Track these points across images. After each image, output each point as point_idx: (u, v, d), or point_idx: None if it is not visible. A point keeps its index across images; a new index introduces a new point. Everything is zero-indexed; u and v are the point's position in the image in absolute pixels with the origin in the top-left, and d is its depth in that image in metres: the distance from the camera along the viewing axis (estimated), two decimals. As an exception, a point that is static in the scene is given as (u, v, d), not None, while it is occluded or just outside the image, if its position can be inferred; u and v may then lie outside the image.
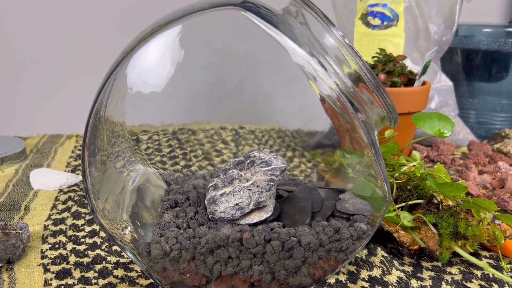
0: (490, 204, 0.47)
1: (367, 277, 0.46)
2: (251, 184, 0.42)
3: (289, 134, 0.62)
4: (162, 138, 0.57)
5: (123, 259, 0.48)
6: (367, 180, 0.47)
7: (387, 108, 0.40)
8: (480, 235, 0.48)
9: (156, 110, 0.49)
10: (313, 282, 0.43)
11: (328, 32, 0.37)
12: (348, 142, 0.49)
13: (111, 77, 0.41)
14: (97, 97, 0.41)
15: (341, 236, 0.41)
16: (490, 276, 0.47)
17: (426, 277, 0.46)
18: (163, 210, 0.46)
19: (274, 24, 0.38)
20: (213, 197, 0.42)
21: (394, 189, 0.53)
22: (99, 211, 0.42)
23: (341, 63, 0.40)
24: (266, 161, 0.43)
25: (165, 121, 0.52)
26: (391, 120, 0.42)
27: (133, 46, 0.41)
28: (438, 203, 0.53)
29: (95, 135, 0.42)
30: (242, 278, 0.41)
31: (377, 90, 0.39)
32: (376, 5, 0.89)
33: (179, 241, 0.39)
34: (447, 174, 0.53)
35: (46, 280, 0.44)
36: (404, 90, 0.73)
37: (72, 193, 0.64)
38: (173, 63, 0.43)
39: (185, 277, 0.40)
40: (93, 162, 0.42)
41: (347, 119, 0.46)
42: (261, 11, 0.39)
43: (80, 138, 0.90)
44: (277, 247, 0.39)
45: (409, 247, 0.49)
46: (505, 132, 0.86)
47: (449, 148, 0.82)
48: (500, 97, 0.94)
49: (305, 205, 0.45)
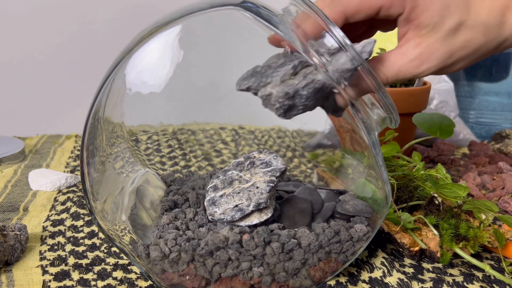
0: (491, 205, 0.47)
1: (368, 278, 0.46)
2: (251, 185, 0.42)
3: (289, 135, 0.62)
4: (161, 139, 0.56)
5: (122, 261, 0.48)
6: (367, 181, 0.46)
7: (388, 109, 0.40)
8: (481, 236, 0.47)
9: (155, 111, 0.48)
10: (313, 284, 0.43)
11: (328, 32, 0.37)
12: (348, 143, 0.49)
13: (110, 78, 0.41)
14: (96, 97, 0.41)
15: (342, 238, 0.41)
16: (492, 278, 0.46)
17: (427, 278, 0.46)
18: (162, 211, 0.46)
19: (274, 24, 0.38)
20: (213, 198, 0.42)
21: (394, 190, 0.52)
22: (98, 212, 0.42)
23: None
24: (266, 162, 0.43)
25: (165, 121, 0.52)
26: (391, 121, 0.42)
27: (132, 46, 0.41)
28: (439, 204, 0.53)
29: (94, 136, 0.42)
30: (242, 280, 0.40)
31: (378, 90, 0.38)
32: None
33: (178, 243, 0.39)
34: (447, 175, 0.53)
35: (45, 282, 0.44)
36: (404, 91, 0.73)
37: (71, 194, 0.63)
38: (172, 63, 0.43)
39: (185, 279, 0.40)
40: (92, 163, 0.42)
41: (347, 120, 0.46)
42: (261, 11, 0.38)
43: (79, 138, 0.90)
44: (277, 249, 0.39)
45: (410, 248, 0.48)
46: (506, 133, 0.86)
47: (450, 148, 0.81)
48: (500, 97, 0.94)
49: (305, 206, 0.45)
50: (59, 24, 1.20)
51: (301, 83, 0.36)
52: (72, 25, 1.21)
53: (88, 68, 1.11)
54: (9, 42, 1.20)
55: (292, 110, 0.37)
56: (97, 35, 1.21)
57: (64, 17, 1.20)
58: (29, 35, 1.20)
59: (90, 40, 1.21)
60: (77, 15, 1.21)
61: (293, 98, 0.36)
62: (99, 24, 1.21)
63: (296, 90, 0.36)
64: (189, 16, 0.40)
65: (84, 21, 1.21)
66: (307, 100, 0.37)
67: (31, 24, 1.19)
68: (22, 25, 1.20)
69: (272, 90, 0.36)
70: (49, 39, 1.21)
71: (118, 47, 0.44)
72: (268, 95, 0.37)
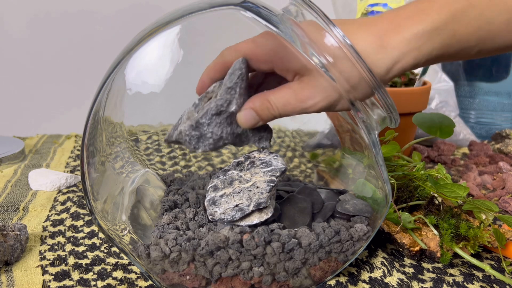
0: (491, 205, 0.47)
1: (368, 278, 0.46)
2: (251, 185, 0.42)
3: (289, 134, 0.62)
4: (161, 139, 0.56)
5: (122, 261, 0.48)
6: (367, 181, 0.46)
7: (388, 109, 0.40)
8: (482, 236, 0.47)
9: (155, 111, 0.48)
10: (313, 283, 0.43)
11: (328, 32, 0.37)
12: (348, 142, 0.49)
13: (110, 78, 0.41)
14: (96, 97, 0.41)
15: (342, 237, 0.41)
16: (492, 278, 0.46)
17: (427, 278, 0.46)
18: (162, 211, 0.46)
19: (274, 24, 0.38)
20: (213, 198, 0.42)
21: (394, 190, 0.52)
22: (98, 212, 0.42)
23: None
24: (266, 162, 0.43)
25: (164, 121, 0.52)
26: (392, 121, 0.42)
27: (132, 46, 0.41)
28: (439, 204, 0.53)
29: (94, 136, 0.42)
30: (242, 279, 0.40)
31: (378, 90, 0.38)
32: (376, 4, 0.89)
33: (178, 242, 0.39)
34: (447, 175, 0.53)
35: (45, 282, 0.44)
36: (404, 90, 0.73)
37: (71, 193, 0.63)
38: (172, 63, 0.43)
39: (185, 279, 0.40)
40: (92, 163, 0.42)
41: (347, 120, 0.46)
42: (261, 11, 0.38)
43: (79, 138, 0.90)
44: (277, 249, 0.39)
45: (410, 248, 0.48)
46: (506, 132, 0.86)
47: (450, 148, 0.81)
48: (500, 97, 0.94)
49: (306, 206, 0.45)
50: (59, 24, 1.20)
51: (199, 113, 0.41)
52: (72, 25, 1.21)
53: (88, 68, 1.11)
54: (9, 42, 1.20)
55: (203, 141, 0.41)
56: (97, 35, 1.21)
57: (64, 17, 1.20)
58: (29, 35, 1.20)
59: (90, 40, 1.21)
60: (77, 15, 1.21)
61: (198, 128, 0.41)
62: (99, 24, 1.21)
63: (197, 120, 0.40)
64: (189, 16, 0.40)
65: (84, 21, 1.21)
66: (209, 127, 0.40)
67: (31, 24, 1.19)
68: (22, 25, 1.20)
69: (180, 127, 0.41)
70: (49, 39, 1.21)
71: (118, 47, 0.44)
72: (179, 133, 0.42)
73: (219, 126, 0.41)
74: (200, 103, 0.42)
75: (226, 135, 0.41)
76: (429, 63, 0.40)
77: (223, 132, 0.41)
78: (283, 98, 0.39)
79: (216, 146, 0.42)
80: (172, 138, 0.43)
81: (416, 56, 0.38)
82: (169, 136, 0.44)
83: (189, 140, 0.41)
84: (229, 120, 0.41)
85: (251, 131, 0.43)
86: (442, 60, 0.41)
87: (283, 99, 0.39)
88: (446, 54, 0.39)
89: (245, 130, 0.42)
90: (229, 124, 0.41)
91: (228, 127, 0.41)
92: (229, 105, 0.40)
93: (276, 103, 0.39)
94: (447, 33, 0.38)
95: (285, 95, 0.39)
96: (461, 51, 0.40)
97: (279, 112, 0.39)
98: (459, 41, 0.39)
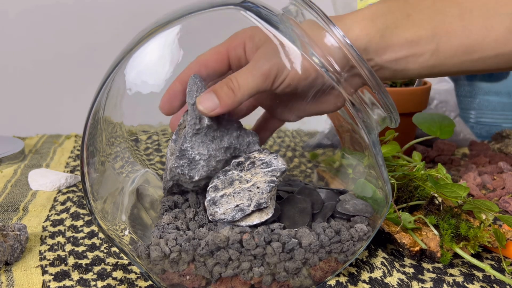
0: (491, 205, 0.47)
1: (368, 278, 0.46)
2: (251, 185, 0.42)
3: (289, 134, 0.62)
4: (161, 139, 0.56)
5: (122, 261, 0.48)
6: (367, 181, 0.46)
7: (388, 109, 0.40)
8: (482, 236, 0.47)
9: (155, 110, 0.48)
10: (313, 283, 0.43)
11: (328, 32, 0.37)
12: (348, 142, 0.49)
13: (110, 78, 0.41)
14: (95, 97, 0.41)
15: (342, 238, 0.41)
16: (492, 278, 0.46)
17: (427, 278, 0.46)
18: (162, 211, 0.46)
19: (274, 24, 0.38)
20: (213, 198, 0.42)
21: (394, 190, 0.52)
22: (98, 212, 0.42)
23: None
24: (267, 162, 0.43)
25: (164, 121, 0.52)
26: (392, 121, 0.42)
27: (132, 46, 0.41)
28: (439, 204, 0.53)
29: (94, 136, 0.42)
30: (242, 280, 0.40)
31: (378, 90, 0.38)
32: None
33: (178, 242, 0.39)
34: (448, 175, 0.53)
35: (44, 282, 0.44)
36: (404, 90, 0.73)
37: (71, 193, 0.63)
38: (172, 63, 0.43)
39: (185, 279, 0.40)
40: (92, 163, 0.42)
41: (347, 120, 0.46)
42: (261, 11, 0.38)
43: (79, 138, 0.90)
44: (277, 249, 0.39)
45: (410, 248, 0.48)
46: (506, 132, 0.86)
47: (450, 148, 0.81)
48: (500, 97, 0.94)
49: (306, 206, 0.45)
50: (59, 24, 1.20)
51: (178, 142, 0.42)
52: (72, 25, 1.21)
53: (88, 68, 1.11)
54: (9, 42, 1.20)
55: (195, 166, 0.42)
56: (97, 35, 1.21)
57: (64, 17, 1.20)
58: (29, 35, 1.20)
59: (90, 40, 1.21)
60: (77, 15, 1.21)
61: (184, 156, 0.42)
62: (99, 24, 1.21)
63: (179, 149, 0.42)
64: (189, 16, 0.40)
65: (84, 21, 1.21)
66: (194, 150, 0.42)
67: (31, 24, 1.19)
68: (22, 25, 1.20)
69: (169, 166, 0.43)
70: (49, 39, 1.21)
71: (118, 47, 0.44)
72: (170, 172, 0.43)
73: (202, 145, 0.41)
74: (177, 137, 0.43)
75: (214, 152, 0.42)
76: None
77: (209, 149, 0.42)
78: (245, 72, 0.39)
79: (210, 168, 0.42)
80: (169, 182, 0.44)
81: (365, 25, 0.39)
82: (165, 183, 0.45)
83: (181, 172, 0.42)
84: (209, 136, 0.42)
85: (236, 139, 0.43)
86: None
87: (244, 73, 0.39)
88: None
89: (230, 141, 0.42)
90: (211, 140, 0.42)
91: (211, 143, 0.42)
92: (201, 120, 0.41)
93: (237, 77, 0.39)
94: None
95: (245, 69, 0.39)
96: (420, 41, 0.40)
97: (242, 90, 0.38)
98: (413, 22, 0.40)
